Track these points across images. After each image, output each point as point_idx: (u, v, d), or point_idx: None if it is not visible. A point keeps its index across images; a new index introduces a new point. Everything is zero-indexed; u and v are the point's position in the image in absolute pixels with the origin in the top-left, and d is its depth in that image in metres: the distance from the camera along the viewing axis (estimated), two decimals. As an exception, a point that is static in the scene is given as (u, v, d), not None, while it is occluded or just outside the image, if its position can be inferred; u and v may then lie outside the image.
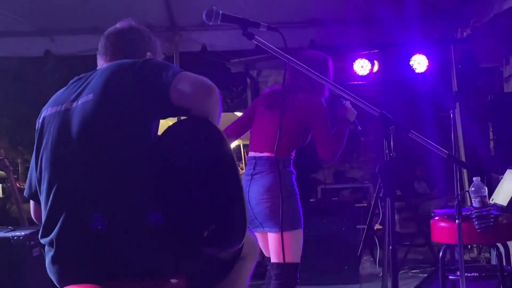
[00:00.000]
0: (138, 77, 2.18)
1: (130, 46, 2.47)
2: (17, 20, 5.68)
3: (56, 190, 2.20)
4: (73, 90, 2.29)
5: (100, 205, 2.11)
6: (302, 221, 3.60)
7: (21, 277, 4.19)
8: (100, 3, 5.44)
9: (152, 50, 2.51)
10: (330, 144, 3.60)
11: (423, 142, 2.58)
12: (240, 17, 2.45)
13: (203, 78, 2.16)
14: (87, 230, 2.09)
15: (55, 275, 2.23)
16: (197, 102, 2.12)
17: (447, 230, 3.78)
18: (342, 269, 6.00)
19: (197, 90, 2.13)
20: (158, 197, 2.12)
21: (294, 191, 3.57)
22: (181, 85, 2.11)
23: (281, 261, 3.50)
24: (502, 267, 3.76)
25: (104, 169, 2.14)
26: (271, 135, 3.57)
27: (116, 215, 2.10)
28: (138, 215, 2.10)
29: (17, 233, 4.29)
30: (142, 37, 2.52)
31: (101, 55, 2.50)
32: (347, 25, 6.06)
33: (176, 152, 2.16)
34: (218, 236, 2.10)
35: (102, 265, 2.11)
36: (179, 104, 2.12)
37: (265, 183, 3.54)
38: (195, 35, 6.10)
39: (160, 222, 2.09)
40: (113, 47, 2.47)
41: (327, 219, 6.13)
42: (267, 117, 3.69)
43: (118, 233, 2.09)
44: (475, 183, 3.66)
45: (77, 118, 2.19)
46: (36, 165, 2.30)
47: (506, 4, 5.09)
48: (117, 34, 2.50)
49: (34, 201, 2.43)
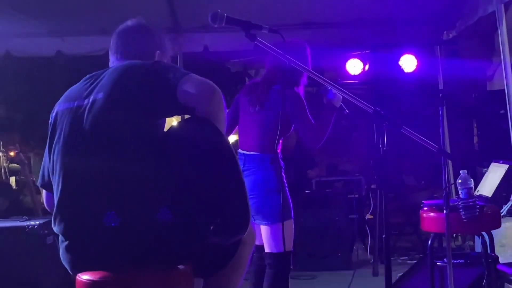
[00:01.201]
0: (147, 78, 2.18)
1: (139, 44, 2.46)
2: (30, 22, 5.67)
3: (66, 184, 2.20)
4: (85, 87, 2.29)
5: (112, 202, 2.11)
6: (292, 212, 3.57)
7: (36, 264, 4.18)
8: (107, 5, 5.43)
9: (161, 49, 2.49)
10: (312, 131, 3.54)
11: (415, 137, 2.59)
12: (244, 20, 2.44)
13: (207, 81, 2.18)
14: (100, 226, 2.09)
15: (69, 263, 2.23)
16: (201, 102, 2.13)
17: (436, 220, 3.78)
18: (336, 256, 6.04)
19: (201, 91, 2.14)
20: (166, 194, 2.12)
21: (282, 186, 3.51)
22: (187, 85, 2.12)
23: (273, 251, 3.51)
24: (487, 254, 3.77)
25: (115, 167, 2.13)
26: (255, 134, 3.59)
27: (128, 212, 2.10)
28: (149, 211, 2.09)
29: (31, 223, 4.28)
30: (151, 35, 2.50)
31: (112, 53, 2.49)
32: (340, 28, 6.08)
33: (180, 150, 2.15)
34: (224, 228, 2.12)
35: (113, 257, 2.11)
36: (184, 104, 2.13)
37: (253, 180, 3.52)
38: (198, 37, 6.08)
39: (168, 218, 2.09)
40: (123, 45, 2.46)
41: (322, 210, 6.16)
42: (248, 114, 3.67)
43: (130, 229, 2.09)
44: (462, 176, 3.66)
45: (88, 116, 2.19)
46: (49, 158, 2.30)
47: (489, 8, 5.09)
48: (127, 32, 2.49)
49: (46, 190, 2.43)
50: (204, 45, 6.14)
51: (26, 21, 5.63)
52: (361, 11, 5.79)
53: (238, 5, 5.21)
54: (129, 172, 2.12)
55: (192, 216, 2.12)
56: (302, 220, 6.03)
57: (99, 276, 2.09)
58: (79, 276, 2.13)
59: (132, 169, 2.12)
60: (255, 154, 3.56)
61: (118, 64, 2.39)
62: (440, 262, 3.84)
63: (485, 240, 3.79)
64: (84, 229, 2.15)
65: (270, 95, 3.58)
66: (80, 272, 2.15)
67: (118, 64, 2.39)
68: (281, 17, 5.59)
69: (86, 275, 2.11)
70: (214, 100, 2.16)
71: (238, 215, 2.12)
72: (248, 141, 3.63)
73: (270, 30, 2.52)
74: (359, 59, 6.58)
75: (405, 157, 7.90)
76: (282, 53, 2.56)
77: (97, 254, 2.13)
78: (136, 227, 2.09)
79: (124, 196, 2.11)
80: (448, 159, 4.06)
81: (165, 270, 2.12)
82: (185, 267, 2.16)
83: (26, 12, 5.50)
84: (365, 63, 6.64)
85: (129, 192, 2.11)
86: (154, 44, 2.48)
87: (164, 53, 2.50)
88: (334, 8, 5.73)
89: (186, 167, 2.12)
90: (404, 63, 6.47)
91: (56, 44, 6.03)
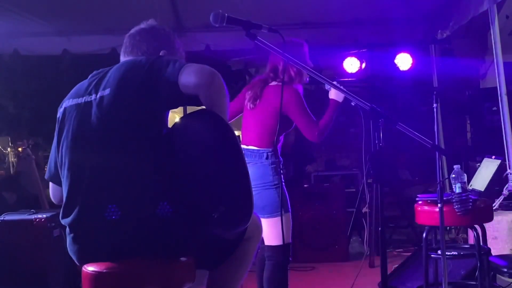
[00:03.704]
0: (150, 72, 2.17)
1: (146, 44, 2.44)
2: (38, 22, 5.67)
3: (74, 178, 2.20)
4: (93, 84, 2.29)
5: (114, 196, 2.11)
6: (289, 206, 3.56)
7: (43, 255, 4.19)
8: (111, 6, 5.43)
9: (168, 48, 2.47)
10: (311, 126, 3.53)
11: (410, 133, 2.58)
12: (244, 20, 2.44)
13: (205, 66, 2.16)
14: (102, 219, 2.10)
15: (75, 254, 2.24)
16: (201, 87, 2.11)
17: (430, 213, 3.78)
18: (333, 248, 6.04)
19: (201, 77, 2.12)
20: (167, 188, 2.11)
21: (278, 180, 3.50)
22: (186, 74, 2.11)
23: (272, 243, 3.51)
24: (479, 246, 3.76)
25: (118, 162, 2.14)
26: (254, 130, 3.60)
27: (128, 206, 2.10)
28: (149, 205, 2.09)
29: (39, 216, 4.29)
30: (159, 36, 2.49)
31: (122, 52, 2.48)
32: (337, 27, 6.08)
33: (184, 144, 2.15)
34: (226, 217, 2.09)
35: (116, 249, 2.12)
36: (187, 92, 2.11)
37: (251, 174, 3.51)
38: (200, 36, 6.08)
39: (168, 212, 2.09)
40: (131, 45, 2.46)
41: (320, 203, 6.17)
42: (248, 110, 3.67)
43: (131, 222, 2.10)
44: (455, 170, 3.66)
45: (95, 111, 2.19)
46: (57, 152, 2.30)
47: (481, 8, 5.08)
48: (137, 34, 2.48)
49: (53, 183, 2.43)
50: (206, 44, 6.14)
51: (33, 21, 5.63)
52: (358, 12, 5.79)
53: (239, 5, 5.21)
54: (132, 167, 2.12)
55: (193, 210, 2.11)
56: (301, 213, 6.04)
57: (104, 267, 2.10)
58: (84, 267, 2.14)
59: (135, 163, 2.12)
60: (253, 149, 3.57)
61: (123, 60, 2.40)
62: (434, 254, 3.84)
63: (478, 233, 3.78)
64: (88, 221, 2.16)
65: (268, 91, 3.59)
66: (86, 263, 2.16)
67: (123, 60, 2.40)
68: (280, 17, 5.59)
69: (91, 266, 2.11)
70: (214, 83, 2.14)
71: (240, 205, 2.11)
72: (248, 136, 3.64)
73: (269, 30, 2.51)
74: (356, 57, 6.57)
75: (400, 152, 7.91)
76: (281, 52, 2.55)
77: (100, 246, 2.14)
78: (135, 220, 2.10)
79: (125, 189, 2.11)
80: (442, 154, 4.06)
81: (167, 262, 2.12)
82: (187, 259, 2.16)
83: (34, 13, 5.51)
84: (362, 61, 6.63)
85: (130, 186, 2.11)
86: (161, 44, 2.47)
87: (172, 53, 2.48)
88: (332, 8, 5.73)
89: (189, 161, 2.12)
90: (399, 61, 6.45)
91: (62, 43, 6.03)
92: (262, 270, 3.64)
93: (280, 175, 3.51)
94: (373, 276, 4.79)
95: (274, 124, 3.51)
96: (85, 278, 2.12)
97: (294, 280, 4.28)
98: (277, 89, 3.53)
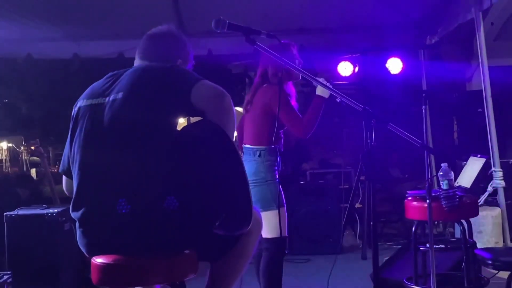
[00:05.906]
0: (164, 80, 2.19)
1: (162, 48, 2.43)
2: (49, 28, 5.68)
3: (85, 174, 2.20)
4: (107, 85, 2.28)
5: (123, 191, 2.11)
6: (284, 201, 3.54)
7: (54, 248, 4.19)
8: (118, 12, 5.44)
9: (183, 57, 2.46)
10: (296, 122, 3.47)
11: (400, 133, 2.58)
12: (244, 26, 2.44)
13: (218, 87, 2.19)
14: (113, 212, 2.10)
15: (85, 247, 2.24)
16: (210, 106, 2.15)
17: (419, 208, 3.79)
18: (328, 241, 6.03)
19: (212, 96, 2.16)
20: (174, 184, 2.11)
21: (271, 177, 3.47)
22: (200, 90, 2.14)
23: (268, 236, 3.50)
24: (465, 240, 3.77)
25: (128, 160, 2.14)
26: (248, 130, 3.62)
27: (138, 200, 2.10)
28: (157, 200, 2.09)
29: (50, 210, 4.28)
30: (175, 41, 2.47)
31: (137, 54, 2.46)
32: (332, 33, 6.09)
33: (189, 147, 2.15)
34: (229, 222, 2.11)
35: (124, 241, 2.12)
36: (196, 106, 2.14)
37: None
38: (202, 41, 6.08)
39: (175, 206, 2.09)
40: (147, 48, 2.44)
41: (315, 199, 6.17)
42: (245, 114, 3.69)
43: (140, 215, 2.09)
44: (443, 168, 3.66)
45: (107, 113, 2.19)
46: (70, 148, 2.30)
47: (468, 15, 5.09)
48: (154, 37, 2.46)
49: (66, 177, 2.42)
50: (209, 48, 6.15)
51: (46, 27, 5.65)
52: (351, 18, 5.81)
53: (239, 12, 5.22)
54: (141, 164, 2.12)
55: (198, 205, 2.11)
56: (297, 208, 6.04)
57: (112, 259, 2.10)
58: (93, 259, 2.14)
59: (144, 161, 2.12)
60: (248, 147, 3.57)
61: (138, 65, 2.39)
62: (423, 247, 3.85)
63: (464, 227, 3.79)
64: (98, 215, 2.15)
65: (257, 93, 3.60)
66: (95, 255, 2.16)
67: (138, 65, 2.39)
68: (278, 23, 5.59)
69: (100, 258, 2.12)
70: (223, 105, 2.17)
71: (241, 210, 2.12)
72: (245, 136, 3.66)
73: (268, 35, 2.52)
74: (349, 61, 6.55)
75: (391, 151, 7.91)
76: (274, 54, 2.56)
77: (110, 239, 2.14)
78: (143, 213, 2.09)
79: (134, 184, 2.11)
80: (431, 153, 4.06)
81: (171, 254, 2.12)
82: (190, 251, 2.16)
83: (46, 19, 5.52)
84: (355, 65, 6.61)
85: (139, 181, 2.11)
86: (176, 51, 2.45)
87: (186, 62, 2.47)
88: (326, 15, 5.74)
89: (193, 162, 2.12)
90: (390, 65, 6.44)
91: (72, 48, 6.04)
92: (259, 262, 3.63)
93: (274, 172, 3.48)
94: (365, 268, 4.80)
95: (263, 123, 3.51)
96: (94, 269, 2.13)
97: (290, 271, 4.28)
98: (263, 90, 3.55)
